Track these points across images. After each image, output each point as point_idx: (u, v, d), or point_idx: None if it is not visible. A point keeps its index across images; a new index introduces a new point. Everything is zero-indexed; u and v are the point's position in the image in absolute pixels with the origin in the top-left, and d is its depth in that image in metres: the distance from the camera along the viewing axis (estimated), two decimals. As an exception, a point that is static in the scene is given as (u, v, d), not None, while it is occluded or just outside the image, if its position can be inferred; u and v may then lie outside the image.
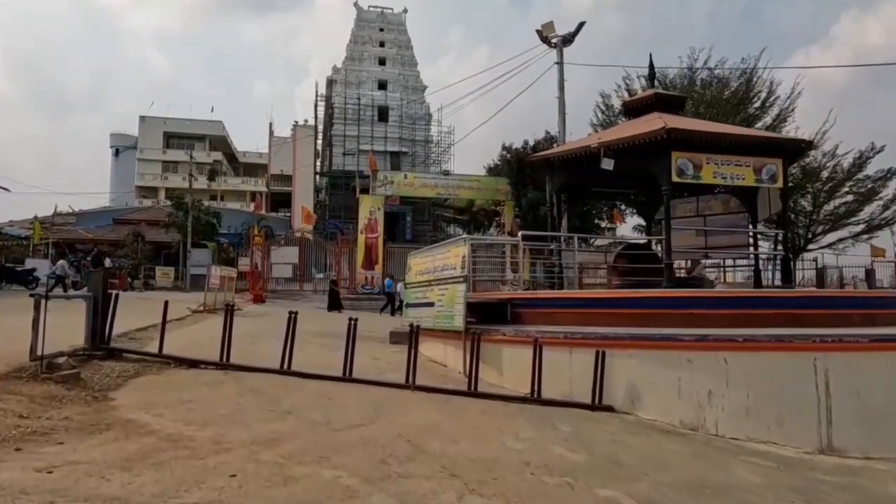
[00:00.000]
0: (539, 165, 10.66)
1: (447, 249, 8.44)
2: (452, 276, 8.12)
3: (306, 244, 29.18)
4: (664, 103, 10.77)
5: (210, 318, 14.24)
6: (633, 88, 32.08)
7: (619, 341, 6.79)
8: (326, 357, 8.73)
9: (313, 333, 11.29)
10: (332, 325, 13.47)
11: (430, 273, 8.98)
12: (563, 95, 15.09)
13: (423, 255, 9.47)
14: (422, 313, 9.08)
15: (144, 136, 68.22)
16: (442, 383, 7.59)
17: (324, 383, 6.71)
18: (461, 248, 7.93)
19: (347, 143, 46.68)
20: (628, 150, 9.22)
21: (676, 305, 7.50)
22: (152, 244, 34.50)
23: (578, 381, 7.01)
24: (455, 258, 8.08)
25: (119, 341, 8.48)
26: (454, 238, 8.92)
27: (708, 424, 6.38)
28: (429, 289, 8.93)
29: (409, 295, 9.78)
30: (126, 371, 6.43)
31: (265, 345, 9.33)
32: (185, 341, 9.49)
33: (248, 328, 11.89)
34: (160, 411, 5.11)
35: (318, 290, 27.58)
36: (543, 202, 25.91)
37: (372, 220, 26.73)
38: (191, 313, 14.73)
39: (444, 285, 8.38)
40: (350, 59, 51.60)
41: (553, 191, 10.42)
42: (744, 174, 9.23)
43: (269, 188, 63.00)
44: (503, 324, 8.49)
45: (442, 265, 8.51)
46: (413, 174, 30.40)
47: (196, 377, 6.51)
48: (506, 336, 7.53)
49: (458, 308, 7.87)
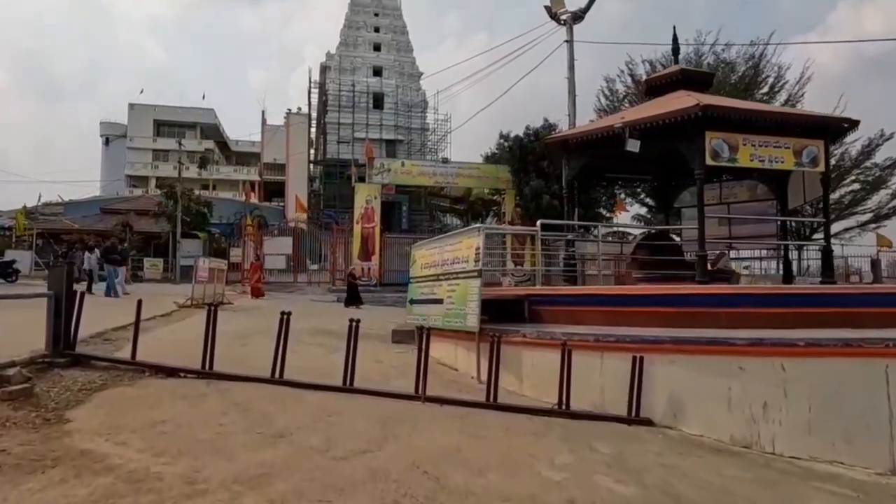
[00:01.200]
0: (554, 148, 9.77)
1: (458, 240, 7.56)
2: (464, 270, 7.24)
3: (300, 234, 28.21)
4: (691, 80, 9.87)
5: (197, 314, 13.31)
6: (636, 73, 31.30)
7: (659, 346, 5.95)
8: (325, 360, 7.88)
9: (310, 331, 10.42)
10: (330, 321, 12.58)
11: (437, 266, 8.10)
12: (573, 76, 14.18)
13: (429, 247, 8.58)
14: (429, 311, 8.22)
15: (134, 124, 66.91)
16: (455, 391, 6.74)
17: (322, 395, 5.84)
18: (475, 239, 7.06)
19: (342, 130, 45.67)
20: (656, 130, 8.34)
21: (721, 303, 6.66)
22: (141, 234, 33.50)
23: (611, 390, 6.17)
24: (468, 250, 7.21)
25: (91, 343, 7.59)
26: (468, 227, 7.99)
27: (763, 441, 5.55)
28: (436, 284, 8.06)
29: (414, 290, 8.91)
30: (91, 382, 5.53)
31: (257, 345, 8.45)
32: (168, 342, 8.61)
33: (239, 325, 11.00)
34: (125, 437, 4.23)
35: (313, 282, 26.67)
36: (547, 190, 25.04)
37: (368, 210, 25.75)
38: (177, 308, 13.81)
39: (454, 280, 7.50)
40: (344, 44, 50.41)
41: (569, 176, 9.53)
42: (783, 156, 8.37)
43: (263, 177, 61.83)
44: (519, 323, 7.64)
45: (452, 258, 7.64)
46: (411, 162, 29.39)
47: (174, 389, 5.62)
48: (527, 338, 6.68)
49: (471, 306, 7.00)
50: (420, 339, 6.03)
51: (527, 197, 25.10)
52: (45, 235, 30.55)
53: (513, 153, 26.18)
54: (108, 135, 71.05)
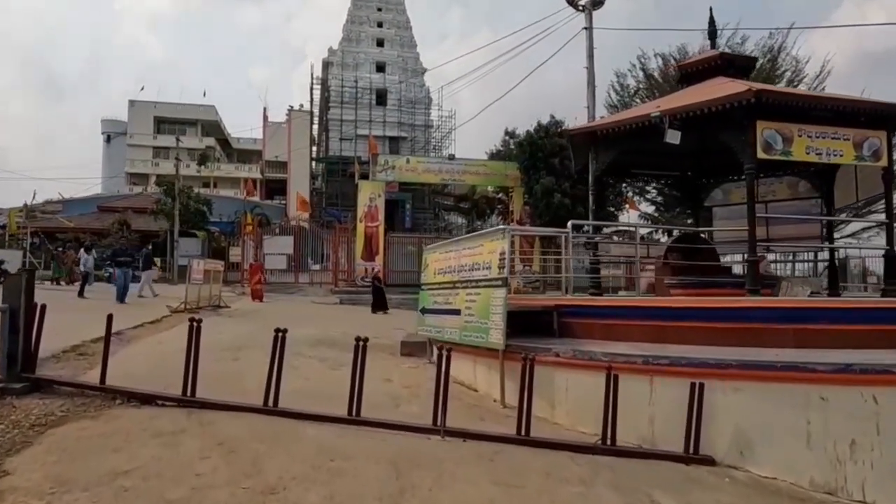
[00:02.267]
0: (580, 141, 8.83)
1: (478, 243, 6.63)
2: (486, 277, 6.34)
3: (302, 233, 27.31)
4: (731, 65, 8.93)
5: (191, 320, 12.46)
6: (648, 67, 30.34)
7: (722, 370, 5.03)
8: (327, 378, 6.98)
9: (310, 341, 9.52)
10: (333, 328, 11.69)
11: (454, 273, 7.19)
12: (592, 65, 13.24)
13: (444, 250, 7.65)
14: (443, 322, 7.32)
15: (134, 121, 66.16)
16: (476, 419, 5.85)
17: (323, 428, 4.94)
18: (499, 243, 6.15)
19: (344, 127, 44.81)
20: (698, 120, 7.41)
21: (790, 318, 5.73)
22: (139, 233, 32.59)
23: (663, 421, 5.26)
24: (490, 255, 6.31)
25: (62, 360, 6.71)
26: (491, 229, 7.04)
27: (850, 486, 4.63)
28: (453, 292, 7.15)
29: (426, 298, 7.99)
30: (48, 415, 4.64)
31: (251, 359, 7.55)
32: (151, 355, 7.72)
33: (233, 333, 10.10)
34: (73, 498, 3.34)
35: (315, 283, 25.79)
36: (558, 188, 24.14)
37: (372, 208, 24.85)
38: (169, 313, 12.91)
39: (474, 289, 6.60)
40: (347, 40, 49.56)
41: (597, 171, 8.59)
42: (842, 149, 7.43)
43: (264, 175, 61.02)
44: (547, 337, 6.73)
45: (471, 263, 6.73)
46: (416, 158, 28.47)
47: (148, 422, 4.71)
48: (562, 358, 5.77)
49: (494, 320, 6.09)
50: (440, 362, 5.12)
51: (537, 195, 24.20)
52: (40, 234, 29.70)
53: (523, 150, 25.28)
54: (110, 132, 70.38)
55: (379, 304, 17.37)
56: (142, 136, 64.65)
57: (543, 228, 10.40)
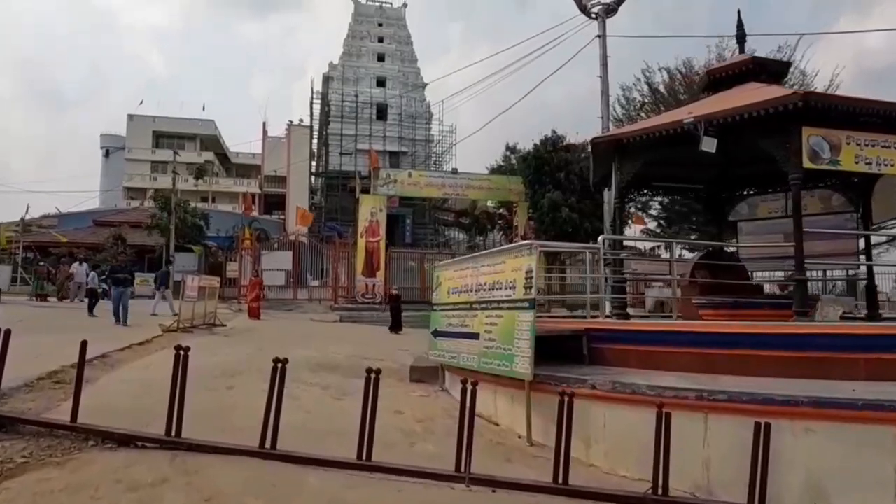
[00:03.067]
0: (603, 150, 8.21)
1: (500, 260, 5.97)
2: (510, 298, 5.67)
3: (301, 248, 26.64)
4: (763, 70, 8.35)
5: (183, 341, 11.73)
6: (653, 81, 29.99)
7: (791, 408, 4.34)
8: (330, 410, 6.28)
9: (311, 365, 8.83)
10: (335, 349, 11.00)
11: (471, 292, 6.52)
12: (606, 74, 12.69)
13: (459, 267, 6.98)
14: (458, 347, 6.63)
15: (133, 135, 65.85)
16: (501, 459, 5.15)
17: (329, 476, 4.23)
18: (525, 259, 5.49)
19: (344, 142, 44.45)
20: (737, 127, 6.80)
21: (861, 347, 5.06)
22: (134, 248, 31.90)
23: (719, 466, 4.57)
24: (514, 273, 5.65)
25: (36, 389, 6.02)
26: (516, 244, 6.31)
27: (947, 546, 3.95)
28: (470, 314, 6.47)
29: (439, 320, 7.29)
30: (6, 461, 3.94)
31: (247, 387, 6.86)
32: (136, 384, 7.01)
33: (228, 356, 9.40)
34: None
35: (314, 299, 25.07)
36: (565, 203, 23.56)
37: (373, 223, 24.22)
38: (161, 333, 12.19)
39: (495, 311, 5.93)
40: (347, 54, 49.39)
41: (622, 182, 7.97)
42: (892, 159, 6.82)
43: (263, 190, 60.51)
44: (576, 364, 6.06)
45: (491, 282, 6.07)
46: (418, 172, 27.92)
47: (123, 471, 4.01)
48: (598, 390, 5.08)
49: (520, 346, 5.42)
50: (463, 399, 4.43)
51: (543, 209, 23.61)
52: (33, 248, 29.01)
53: (528, 163, 24.72)
54: (109, 147, 70.02)
55: (397, 324, 16.74)
56: (140, 151, 64.27)
57: (569, 244, 9.68)
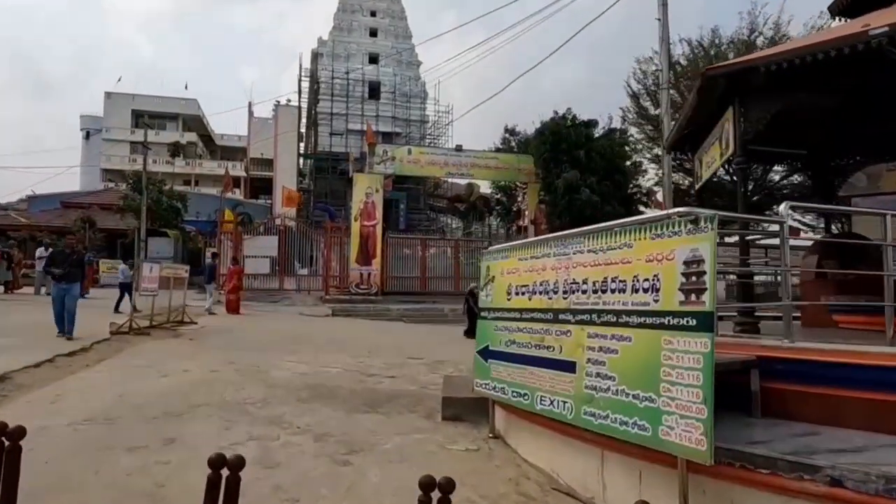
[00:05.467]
0: (717, 85, 5.71)
1: (620, 242, 3.43)
2: (646, 308, 3.16)
3: (288, 233, 24.00)
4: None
5: (137, 346, 9.19)
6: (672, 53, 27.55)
7: None
8: (331, 491, 3.77)
9: (299, 390, 6.34)
10: (329, 356, 8.54)
11: (554, 293, 3.98)
12: (666, 15, 10.11)
13: (527, 253, 4.38)
14: (533, 380, 4.11)
15: (111, 114, 62.73)
16: None
17: None
18: (679, 241, 2.99)
19: (335, 122, 41.83)
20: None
21: None
22: (104, 232, 29.14)
23: None
24: (653, 265, 3.16)
25: None
26: (650, 216, 3.66)
27: None
28: (554, 328, 3.93)
29: (491, 334, 4.71)
30: None
31: (192, 444, 4.36)
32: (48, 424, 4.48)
33: (180, 377, 6.81)
34: None
35: (303, 289, 22.52)
36: (586, 183, 21.14)
37: (368, 204, 21.63)
38: (109, 336, 9.65)
39: (611, 327, 3.43)
40: (338, 29, 46.53)
41: (747, 134, 5.51)
42: None
43: (249, 173, 57.64)
44: (731, 413, 3.62)
45: (600, 278, 3.56)
46: (419, 149, 25.29)
47: None
48: (820, 490, 2.63)
49: (676, 396, 2.94)
50: None
51: (558, 190, 21.14)
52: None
53: (543, 140, 22.19)
54: (89, 128, 66.79)
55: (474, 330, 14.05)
56: (119, 131, 61.22)
57: (753, 216, 6.88)
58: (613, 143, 23.37)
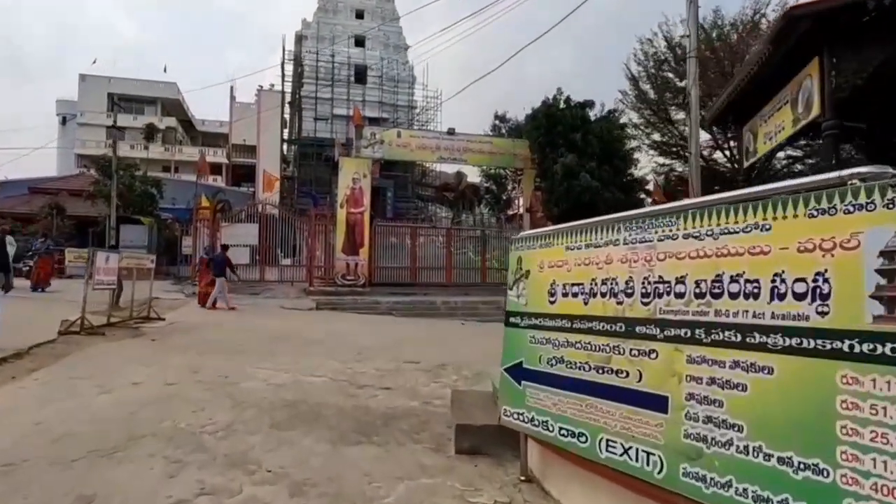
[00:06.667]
0: (797, 29, 4.59)
1: (744, 218, 2.26)
2: (800, 323, 2.05)
3: (270, 221, 22.61)
4: None
5: (86, 350, 7.88)
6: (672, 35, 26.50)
7: None
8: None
9: (274, 408, 5.13)
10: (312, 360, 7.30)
11: (627, 295, 2.73)
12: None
13: (581, 240, 3.17)
14: (586, 413, 2.93)
15: (86, 97, 60.49)
16: None
17: None
18: (862, 219, 1.86)
19: (319, 106, 40.36)
20: None
21: None
22: (74, 219, 27.49)
23: None
24: (807, 258, 2.02)
25: None
26: (810, 178, 2.35)
27: None
28: (627, 345, 2.75)
29: (527, 346, 3.55)
30: None
31: (122, 498, 3.14)
32: None
33: (127, 394, 5.55)
34: None
35: (285, 280, 21.21)
36: (584, 168, 20.00)
37: (356, 191, 20.33)
38: (57, 336, 8.34)
39: (731, 350, 2.29)
40: (323, 10, 44.89)
41: (841, 90, 4.37)
42: None
43: (231, 160, 55.74)
44: None
45: (707, 275, 2.38)
46: (409, 132, 23.97)
47: None
48: None
49: (870, 469, 1.88)
50: None
51: (556, 176, 19.98)
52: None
53: (537, 123, 21.00)
54: (65, 114, 64.46)
55: None
56: (94, 115, 58.94)
57: None
58: (612, 126, 22.27)
